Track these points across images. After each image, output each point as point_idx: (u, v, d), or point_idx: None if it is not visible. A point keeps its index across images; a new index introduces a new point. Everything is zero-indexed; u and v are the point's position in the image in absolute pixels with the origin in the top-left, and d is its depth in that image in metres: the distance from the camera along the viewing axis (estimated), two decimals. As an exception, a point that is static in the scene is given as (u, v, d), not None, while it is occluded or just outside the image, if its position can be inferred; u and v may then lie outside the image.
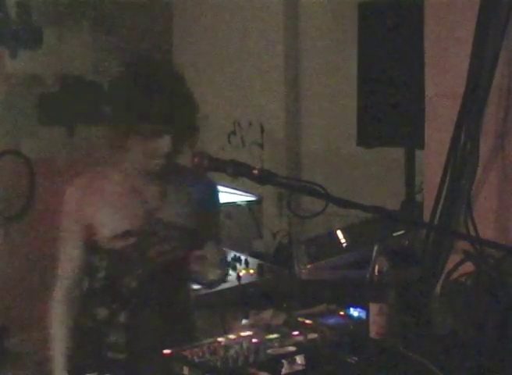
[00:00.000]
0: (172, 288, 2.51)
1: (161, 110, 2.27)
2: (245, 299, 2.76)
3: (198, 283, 2.62)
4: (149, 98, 2.27)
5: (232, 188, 4.40)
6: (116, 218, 2.38)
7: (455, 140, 2.43)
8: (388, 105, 3.02)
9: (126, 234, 2.38)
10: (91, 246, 2.43)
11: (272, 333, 2.15)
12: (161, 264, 2.43)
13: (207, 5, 4.94)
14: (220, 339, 2.09)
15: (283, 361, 1.93)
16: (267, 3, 4.45)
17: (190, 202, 2.48)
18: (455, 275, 2.32)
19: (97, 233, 2.40)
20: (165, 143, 2.29)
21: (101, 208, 2.38)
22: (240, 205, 4.34)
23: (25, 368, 4.53)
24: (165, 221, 2.42)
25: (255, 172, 2.08)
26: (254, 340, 2.08)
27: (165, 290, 2.47)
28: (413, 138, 2.89)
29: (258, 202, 4.38)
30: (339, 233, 2.87)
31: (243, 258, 3.06)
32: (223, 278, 2.59)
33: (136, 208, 2.40)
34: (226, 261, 2.78)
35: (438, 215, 2.47)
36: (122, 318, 2.40)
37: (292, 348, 2.01)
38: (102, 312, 2.42)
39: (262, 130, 4.55)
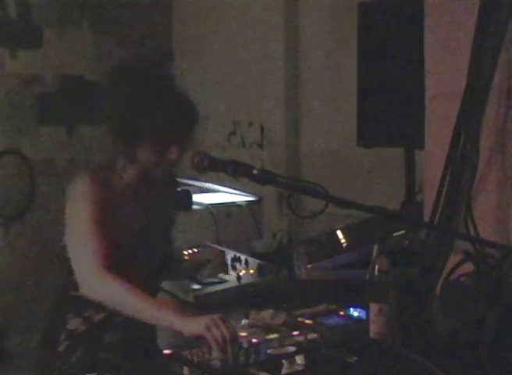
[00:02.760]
0: (159, 284, 2.62)
1: (170, 123, 2.31)
2: (245, 299, 2.76)
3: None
4: (156, 111, 2.30)
5: (232, 188, 4.40)
6: (127, 217, 2.40)
7: (455, 140, 2.43)
8: (388, 105, 3.02)
9: (138, 231, 2.40)
10: None
11: (272, 333, 2.15)
12: (157, 259, 2.51)
13: (207, 5, 4.94)
14: (220, 339, 2.09)
15: (283, 361, 1.93)
16: (267, 3, 4.45)
17: (169, 204, 2.58)
18: (455, 275, 2.32)
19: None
20: (173, 153, 2.34)
21: (110, 206, 2.37)
22: (240, 205, 4.33)
23: (25, 368, 4.53)
24: (161, 218, 2.50)
25: (255, 172, 2.08)
26: (254, 340, 2.08)
27: (156, 287, 2.54)
28: (413, 138, 2.89)
29: (258, 202, 4.38)
30: (339, 233, 2.87)
31: (243, 258, 3.05)
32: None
33: (140, 207, 2.44)
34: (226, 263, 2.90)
35: (438, 215, 2.47)
36: (119, 319, 2.38)
37: (292, 348, 2.02)
38: (98, 315, 2.40)
39: (262, 130, 4.55)
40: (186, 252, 3.04)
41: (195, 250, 3.07)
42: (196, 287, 2.85)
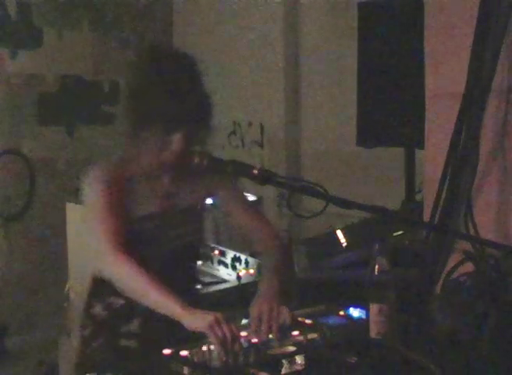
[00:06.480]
0: (186, 273, 2.54)
1: (178, 110, 2.29)
2: (245, 299, 2.76)
3: None
4: (169, 97, 2.29)
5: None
6: (140, 202, 2.40)
7: (455, 140, 2.43)
8: (388, 105, 3.02)
9: (150, 216, 2.40)
10: None
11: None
12: (178, 246, 2.46)
13: (207, 5, 4.94)
14: (220, 339, 2.09)
15: (283, 361, 1.93)
16: (267, 3, 4.45)
17: (202, 191, 2.51)
18: (455, 275, 2.32)
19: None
20: (177, 141, 2.31)
21: (126, 192, 2.38)
22: (240, 205, 4.33)
23: (25, 368, 4.53)
24: (181, 206, 2.46)
25: (255, 172, 2.08)
26: (254, 340, 2.08)
27: (180, 275, 2.48)
28: (413, 138, 2.89)
29: (258, 202, 4.37)
30: (339, 233, 2.87)
31: (243, 258, 3.06)
32: None
33: (155, 193, 2.43)
34: None
35: (438, 215, 2.47)
36: (139, 307, 2.35)
37: (292, 348, 2.02)
38: (119, 301, 2.40)
39: (262, 130, 4.55)
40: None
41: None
42: (196, 287, 2.85)
